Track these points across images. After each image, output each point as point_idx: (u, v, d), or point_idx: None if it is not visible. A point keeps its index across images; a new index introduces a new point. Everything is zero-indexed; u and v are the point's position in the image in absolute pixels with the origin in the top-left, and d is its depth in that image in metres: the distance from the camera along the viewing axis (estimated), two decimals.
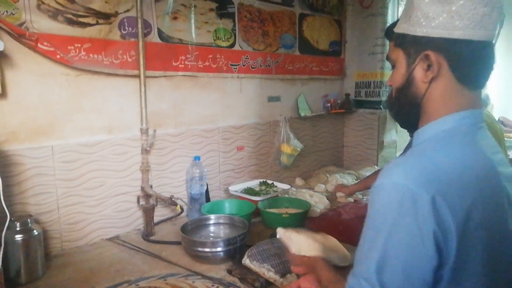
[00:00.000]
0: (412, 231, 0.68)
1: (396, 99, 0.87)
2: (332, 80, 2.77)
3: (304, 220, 1.74)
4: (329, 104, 2.64)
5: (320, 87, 2.68)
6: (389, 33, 0.89)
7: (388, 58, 0.90)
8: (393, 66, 0.87)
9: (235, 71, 2.10)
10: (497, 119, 4.62)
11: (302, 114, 2.51)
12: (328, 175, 2.45)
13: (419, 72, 0.79)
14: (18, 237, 1.26)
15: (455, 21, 0.73)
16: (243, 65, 2.14)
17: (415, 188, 0.67)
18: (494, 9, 0.73)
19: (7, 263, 1.21)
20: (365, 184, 1.97)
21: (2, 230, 1.16)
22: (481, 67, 0.78)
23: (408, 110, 0.84)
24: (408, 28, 0.79)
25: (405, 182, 0.69)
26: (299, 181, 2.47)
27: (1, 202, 1.14)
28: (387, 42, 2.65)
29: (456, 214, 0.68)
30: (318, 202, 1.97)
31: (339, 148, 2.92)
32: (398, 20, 0.86)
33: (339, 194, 2.11)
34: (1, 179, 1.13)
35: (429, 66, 0.77)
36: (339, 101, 2.72)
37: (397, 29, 0.84)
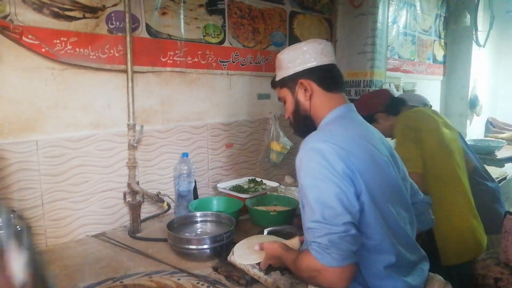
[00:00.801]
0: (330, 172, 0.97)
1: (295, 121, 1.24)
2: None
3: (292, 217, 1.74)
4: None
5: None
6: (273, 84, 1.27)
7: (279, 100, 1.28)
8: (285, 102, 1.24)
9: (225, 68, 2.09)
10: (486, 119, 4.69)
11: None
12: None
13: (301, 96, 1.18)
14: (0, 232, 1.23)
15: (307, 57, 1.16)
16: (233, 62, 2.13)
17: (318, 145, 1.01)
18: (326, 45, 1.19)
19: None
20: None
21: None
22: (334, 78, 1.19)
23: (305, 123, 1.21)
24: (283, 73, 1.21)
25: (312, 145, 1.03)
26: (288, 179, 2.47)
27: None
28: (378, 41, 2.69)
29: (353, 158, 1.00)
30: None
31: None
32: (274, 75, 1.26)
33: None
34: None
35: (305, 90, 1.17)
36: None
37: (277, 78, 1.24)
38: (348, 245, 0.92)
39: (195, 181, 1.92)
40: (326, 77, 1.17)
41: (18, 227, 1.28)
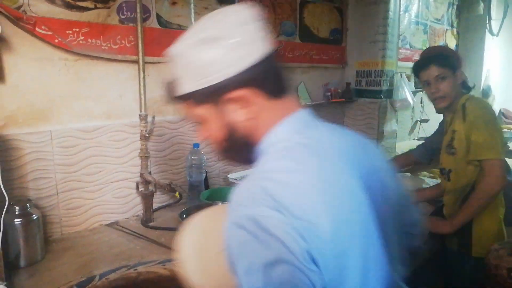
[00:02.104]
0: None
1: (229, 149, 0.78)
2: (332, 69, 2.76)
3: None
4: (329, 93, 2.63)
5: (320, 76, 2.66)
6: (173, 97, 0.79)
7: (191, 118, 0.79)
8: (202, 122, 0.77)
9: None
10: (498, 110, 4.62)
11: (302, 103, 2.50)
12: None
13: (237, 115, 0.72)
14: (17, 221, 1.26)
15: (242, 51, 0.68)
16: None
17: (261, 214, 0.60)
18: (259, 18, 0.72)
19: (6, 246, 1.21)
20: None
21: (1, 214, 1.16)
22: (281, 73, 0.75)
23: (247, 151, 0.76)
24: (197, 83, 0.71)
25: (249, 212, 0.61)
26: None
27: (0, 186, 1.15)
28: (389, 30, 2.65)
29: (318, 233, 0.60)
30: None
31: None
32: (172, 83, 0.78)
33: None
34: (1, 164, 1.13)
35: (244, 105, 0.71)
36: (339, 90, 2.71)
37: (184, 91, 0.74)
38: None
39: (206, 171, 1.93)
40: (272, 76, 0.73)
41: (34, 215, 1.31)
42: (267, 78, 0.72)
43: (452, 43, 4.12)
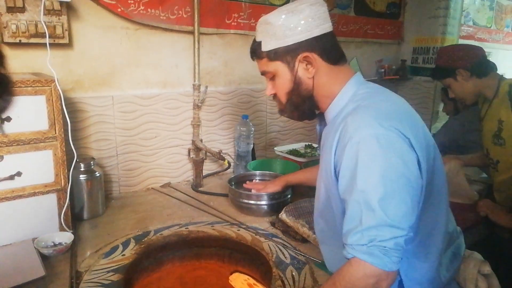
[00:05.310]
0: (399, 165, 0.79)
1: (290, 102, 1.02)
2: (388, 45, 2.65)
3: None
4: (383, 70, 2.55)
5: (374, 51, 2.58)
6: (256, 53, 1.02)
7: (263, 74, 1.03)
8: (272, 78, 1.02)
9: None
10: None
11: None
12: None
13: (302, 72, 0.97)
14: (82, 177, 1.38)
15: (311, 23, 0.94)
16: None
17: (379, 130, 0.81)
18: (324, 4, 0.97)
19: (72, 199, 1.34)
20: None
21: (70, 169, 1.28)
22: (336, 47, 0.98)
23: (307, 105, 1.02)
24: (277, 43, 0.96)
25: (372, 131, 0.81)
26: None
27: (70, 143, 1.25)
28: (451, 5, 2.50)
29: (417, 141, 0.84)
30: None
31: None
32: (257, 43, 1.00)
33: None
34: (69, 124, 1.23)
35: (308, 65, 0.96)
36: (394, 67, 2.61)
37: (266, 48, 0.98)
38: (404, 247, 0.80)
39: (253, 143, 1.97)
40: (332, 48, 0.96)
41: (97, 173, 1.42)
42: (330, 48, 0.96)
43: None
